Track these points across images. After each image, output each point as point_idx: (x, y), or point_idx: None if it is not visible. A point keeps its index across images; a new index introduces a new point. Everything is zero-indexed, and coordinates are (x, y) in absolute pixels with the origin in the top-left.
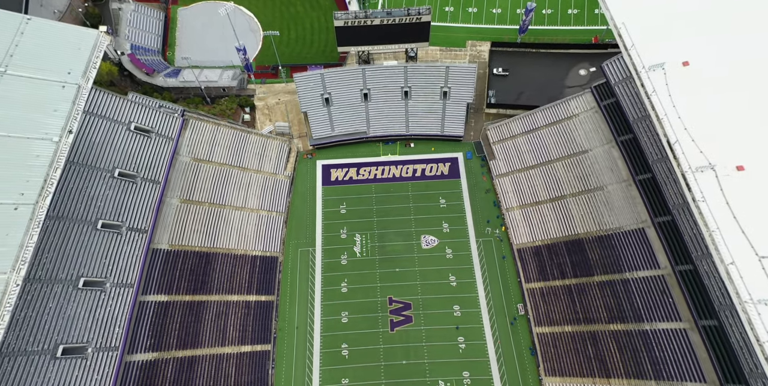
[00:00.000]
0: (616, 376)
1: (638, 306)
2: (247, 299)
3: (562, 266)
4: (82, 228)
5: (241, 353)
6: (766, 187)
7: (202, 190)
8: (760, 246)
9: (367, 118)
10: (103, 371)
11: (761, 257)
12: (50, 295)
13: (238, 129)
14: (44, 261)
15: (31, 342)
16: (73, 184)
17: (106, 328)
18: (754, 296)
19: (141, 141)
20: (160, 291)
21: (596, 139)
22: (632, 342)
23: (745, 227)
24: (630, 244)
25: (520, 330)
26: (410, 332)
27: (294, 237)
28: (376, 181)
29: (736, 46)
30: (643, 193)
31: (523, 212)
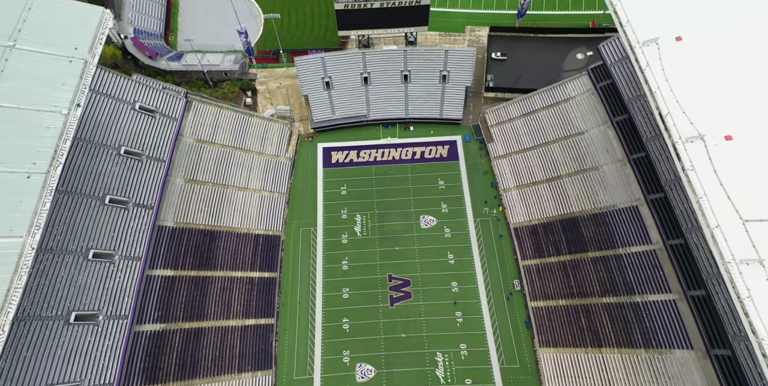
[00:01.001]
0: (608, 345)
1: (630, 279)
2: (250, 275)
3: (558, 243)
4: (91, 203)
5: (245, 326)
6: (753, 155)
7: (205, 171)
8: (744, 210)
9: (367, 102)
10: (114, 337)
11: (745, 221)
12: (62, 265)
13: (240, 112)
14: (55, 232)
15: (45, 308)
16: (81, 160)
17: (115, 298)
18: (736, 256)
19: (145, 120)
20: (166, 267)
21: (592, 120)
22: (624, 314)
23: (731, 193)
24: (623, 221)
25: (515, 305)
26: (409, 307)
27: (296, 217)
28: (376, 164)
29: (728, 22)
30: (637, 172)
31: (520, 192)
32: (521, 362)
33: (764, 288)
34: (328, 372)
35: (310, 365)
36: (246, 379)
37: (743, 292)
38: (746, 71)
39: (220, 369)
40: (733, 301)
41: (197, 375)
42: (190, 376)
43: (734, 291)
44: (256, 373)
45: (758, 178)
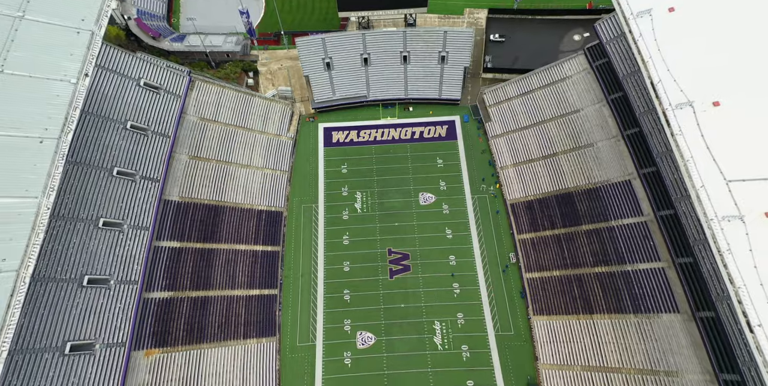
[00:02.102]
0: (599, 312)
1: (622, 250)
2: (254, 249)
3: (552, 218)
4: (100, 174)
5: (249, 296)
6: (738, 120)
7: (209, 148)
8: (728, 171)
9: (367, 82)
10: (125, 301)
11: (728, 181)
12: (73, 232)
13: (243, 92)
14: (66, 201)
15: (59, 271)
16: (89, 133)
17: (125, 265)
18: (718, 213)
19: (150, 97)
20: (172, 238)
21: (588, 98)
22: (614, 282)
23: (717, 156)
24: (616, 195)
25: (511, 277)
26: (408, 279)
27: (297, 194)
28: (376, 143)
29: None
30: (630, 147)
31: (517, 170)
32: (516, 329)
33: (743, 243)
34: (330, 339)
35: (312, 333)
36: (251, 345)
37: (723, 246)
38: (736, 40)
39: (226, 335)
40: (715, 258)
41: (204, 340)
42: (198, 341)
43: (715, 246)
44: (260, 340)
45: (742, 141)
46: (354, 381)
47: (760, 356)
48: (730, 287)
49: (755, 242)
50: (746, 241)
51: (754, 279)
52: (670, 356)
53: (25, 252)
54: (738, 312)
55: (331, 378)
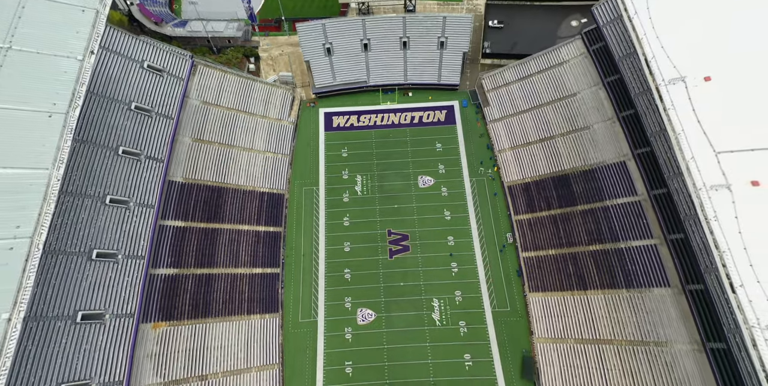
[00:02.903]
0: (592, 288)
1: (616, 228)
2: (256, 229)
3: (549, 199)
4: (106, 153)
5: (252, 274)
6: (728, 94)
7: (211, 131)
8: (717, 143)
9: (367, 68)
10: (132, 275)
11: (717, 152)
12: (81, 207)
13: (244, 77)
14: (74, 177)
15: (68, 244)
16: (95, 112)
17: (132, 240)
18: (707, 183)
19: (154, 79)
20: (177, 218)
21: (584, 82)
22: (608, 259)
23: (707, 128)
24: (611, 176)
25: (508, 256)
26: (407, 259)
27: (299, 177)
28: (375, 128)
29: None
30: (626, 128)
31: (515, 153)
32: (512, 306)
33: (729, 210)
34: (331, 315)
35: (314, 309)
36: (255, 320)
37: (710, 214)
38: (729, 17)
39: (231, 311)
40: (703, 227)
41: (209, 315)
42: (203, 315)
43: (702, 214)
44: (264, 315)
45: (732, 114)
46: (355, 354)
47: (741, 314)
48: (715, 252)
49: (741, 209)
50: (732, 209)
51: (738, 244)
52: (660, 328)
53: (38, 220)
54: (722, 275)
55: (332, 352)
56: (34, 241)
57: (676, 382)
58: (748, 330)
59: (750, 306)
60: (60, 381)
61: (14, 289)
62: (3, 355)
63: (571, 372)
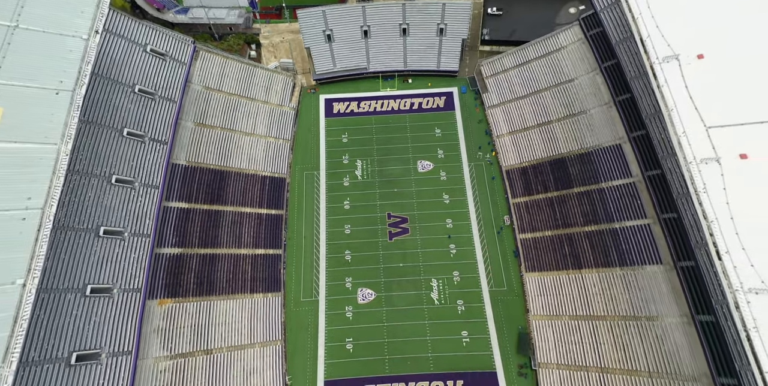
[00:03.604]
0: (587, 267)
1: (611, 209)
2: (258, 211)
3: (546, 182)
4: (111, 134)
5: (255, 255)
6: (720, 70)
7: (213, 116)
8: (708, 118)
9: (367, 54)
10: (138, 252)
11: (708, 127)
12: (88, 186)
13: (246, 63)
14: (81, 157)
15: (77, 221)
16: (100, 94)
17: (138, 219)
18: (697, 157)
19: (157, 62)
20: (181, 200)
21: (582, 67)
22: (603, 239)
23: (699, 104)
24: (607, 158)
25: (505, 238)
26: (407, 241)
27: (300, 161)
28: (375, 114)
29: None
30: (622, 112)
31: (513, 138)
32: (508, 285)
33: (718, 182)
34: (332, 295)
35: (315, 289)
36: (258, 299)
37: (699, 186)
38: None
39: (234, 289)
40: (692, 199)
41: (213, 293)
42: (208, 293)
43: (692, 187)
44: (266, 294)
45: (722, 90)
46: (355, 332)
47: (725, 279)
48: (704, 222)
49: (729, 181)
50: (721, 181)
51: (725, 214)
52: (651, 303)
53: (48, 193)
54: (709, 243)
55: (333, 330)
56: (46, 212)
57: (666, 354)
58: (732, 294)
59: (734, 272)
60: (72, 349)
61: (28, 257)
62: (20, 318)
63: (565, 347)
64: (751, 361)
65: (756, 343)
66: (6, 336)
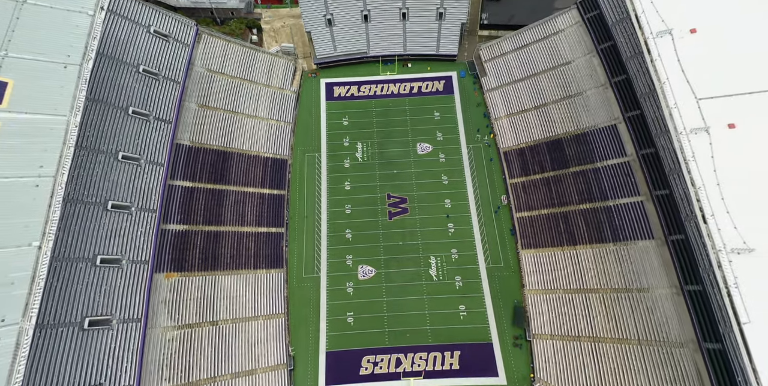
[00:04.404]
0: (581, 243)
1: (605, 188)
2: (261, 191)
3: (543, 162)
4: (116, 113)
5: (258, 233)
6: (712, 44)
7: (216, 98)
8: (699, 90)
9: (368, 38)
10: (146, 226)
11: (699, 99)
12: (96, 162)
13: (248, 46)
14: (87, 134)
15: (85, 194)
16: (105, 73)
17: (144, 194)
18: (687, 127)
19: (160, 44)
20: (185, 179)
21: (579, 50)
22: (597, 217)
23: (690, 77)
24: (602, 138)
25: (502, 217)
26: (406, 220)
27: (301, 144)
28: (375, 97)
29: None
30: (617, 93)
31: (510, 120)
32: (505, 262)
33: (706, 151)
34: (333, 271)
35: (317, 266)
36: (261, 274)
37: (689, 155)
38: None
39: (238, 265)
40: (681, 167)
41: (218, 268)
42: (212, 268)
43: (682, 155)
44: (269, 270)
45: (714, 63)
46: (356, 306)
47: (710, 241)
48: (691, 189)
49: (717, 149)
50: (709, 149)
51: (712, 181)
52: (642, 276)
53: (59, 162)
54: (696, 209)
55: (334, 304)
56: (57, 180)
57: (655, 323)
58: (715, 254)
59: (719, 234)
60: (84, 315)
61: (42, 221)
62: (37, 277)
63: (559, 319)
64: (731, 316)
65: (736, 299)
66: (25, 294)
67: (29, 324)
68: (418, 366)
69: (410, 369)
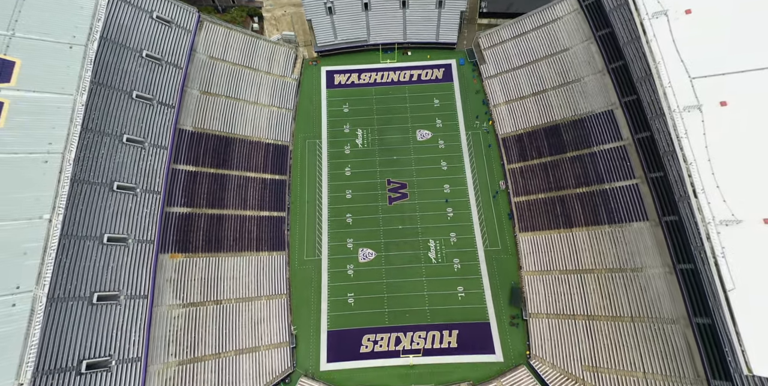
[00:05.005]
0: (577, 226)
1: (601, 171)
2: (263, 176)
3: (540, 148)
4: (121, 96)
5: (260, 216)
6: (707, 24)
7: (218, 85)
8: (693, 69)
9: (368, 26)
10: (151, 207)
11: (692, 78)
12: (101, 144)
13: (249, 34)
14: (93, 116)
15: (92, 175)
16: (109, 58)
17: (148, 176)
18: (680, 105)
19: (163, 29)
20: (188, 163)
21: (577, 37)
22: (593, 200)
23: (684, 57)
24: (599, 124)
25: (500, 202)
26: (405, 205)
27: (302, 130)
28: (376, 85)
29: None
30: (614, 79)
31: (509, 107)
32: (503, 245)
33: (698, 128)
34: (334, 254)
35: (318, 249)
36: (263, 256)
37: (681, 132)
38: None
39: (241, 247)
40: (674, 144)
41: (221, 250)
42: (216, 250)
43: (675, 133)
44: (271, 253)
45: (708, 43)
46: (356, 287)
47: (699, 214)
48: (683, 165)
49: (709, 126)
50: (701, 127)
51: (703, 157)
52: (636, 256)
53: (67, 139)
54: (687, 183)
55: (335, 286)
56: (65, 157)
57: (648, 301)
58: (704, 226)
59: (708, 207)
60: (93, 290)
61: (52, 195)
62: (48, 247)
63: (554, 299)
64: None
65: (723, 268)
66: (37, 263)
67: (42, 292)
68: (417, 344)
69: (409, 347)
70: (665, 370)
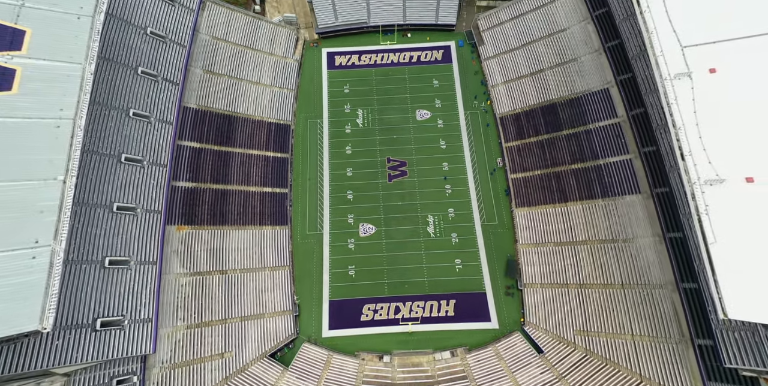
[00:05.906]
0: (572, 200)
1: (596, 147)
2: (265, 154)
3: (537, 126)
4: (127, 72)
5: (263, 192)
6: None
7: (221, 65)
8: (685, 38)
9: (368, 8)
10: (157, 178)
11: (684, 47)
12: (109, 117)
13: (251, 15)
14: (100, 90)
15: (100, 146)
16: (115, 34)
17: (154, 150)
18: (671, 73)
19: (166, 8)
20: (192, 139)
21: (574, 17)
22: (587, 175)
23: (677, 27)
24: (595, 102)
25: (497, 178)
26: (405, 182)
27: (303, 110)
28: (376, 66)
29: None
30: (610, 58)
31: (507, 87)
32: (499, 219)
33: (688, 94)
34: (335, 229)
35: (319, 224)
36: (266, 230)
37: (671, 98)
38: None
39: (244, 221)
40: (664, 110)
41: (226, 223)
42: (221, 223)
43: (665, 99)
44: (274, 227)
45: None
46: (357, 260)
47: (686, 175)
48: (672, 130)
49: (698, 93)
50: (690, 93)
51: (692, 122)
52: (628, 227)
53: (77, 106)
54: (675, 148)
55: (337, 259)
56: (76, 123)
57: (638, 269)
58: (690, 187)
59: (694, 169)
60: (105, 254)
61: (65, 158)
62: (63, 206)
63: (548, 269)
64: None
65: (705, 224)
66: (54, 220)
67: (60, 247)
68: (416, 313)
69: (408, 315)
70: (653, 332)
